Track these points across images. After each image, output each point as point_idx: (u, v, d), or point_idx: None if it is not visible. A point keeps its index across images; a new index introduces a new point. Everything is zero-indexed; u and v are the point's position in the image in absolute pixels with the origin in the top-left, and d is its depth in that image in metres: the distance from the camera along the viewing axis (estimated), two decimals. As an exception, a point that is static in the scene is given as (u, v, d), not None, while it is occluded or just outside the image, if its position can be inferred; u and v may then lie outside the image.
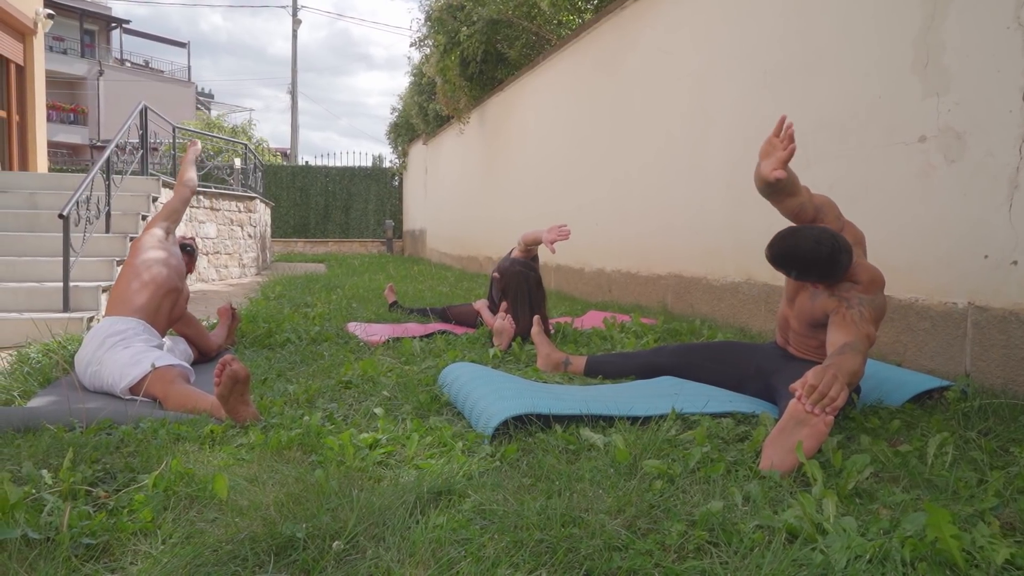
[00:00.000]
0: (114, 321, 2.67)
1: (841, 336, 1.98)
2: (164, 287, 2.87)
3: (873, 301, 2.07)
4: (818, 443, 1.67)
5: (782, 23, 3.74)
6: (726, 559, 1.24)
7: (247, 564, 1.24)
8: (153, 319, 2.79)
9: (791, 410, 1.69)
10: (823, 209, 2.24)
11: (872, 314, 2.05)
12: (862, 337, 1.97)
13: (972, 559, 1.23)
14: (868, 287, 2.09)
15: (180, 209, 3.27)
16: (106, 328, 2.64)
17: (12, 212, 5.89)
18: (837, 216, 2.26)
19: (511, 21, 8.37)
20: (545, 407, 2.04)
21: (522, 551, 1.26)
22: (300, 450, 1.85)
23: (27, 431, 1.99)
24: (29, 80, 10.19)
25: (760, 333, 3.79)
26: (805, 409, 1.67)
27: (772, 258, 2.11)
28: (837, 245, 2.02)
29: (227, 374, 2.01)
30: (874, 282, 2.10)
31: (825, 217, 2.24)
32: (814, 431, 1.67)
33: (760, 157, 2.11)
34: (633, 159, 5.43)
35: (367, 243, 17.93)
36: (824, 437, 1.68)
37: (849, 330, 1.99)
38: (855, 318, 2.02)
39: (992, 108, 2.54)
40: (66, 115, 27.48)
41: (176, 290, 2.95)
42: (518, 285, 3.64)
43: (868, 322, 2.02)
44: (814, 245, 2.01)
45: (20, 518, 1.36)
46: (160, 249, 2.99)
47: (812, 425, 1.67)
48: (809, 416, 1.67)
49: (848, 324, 2.01)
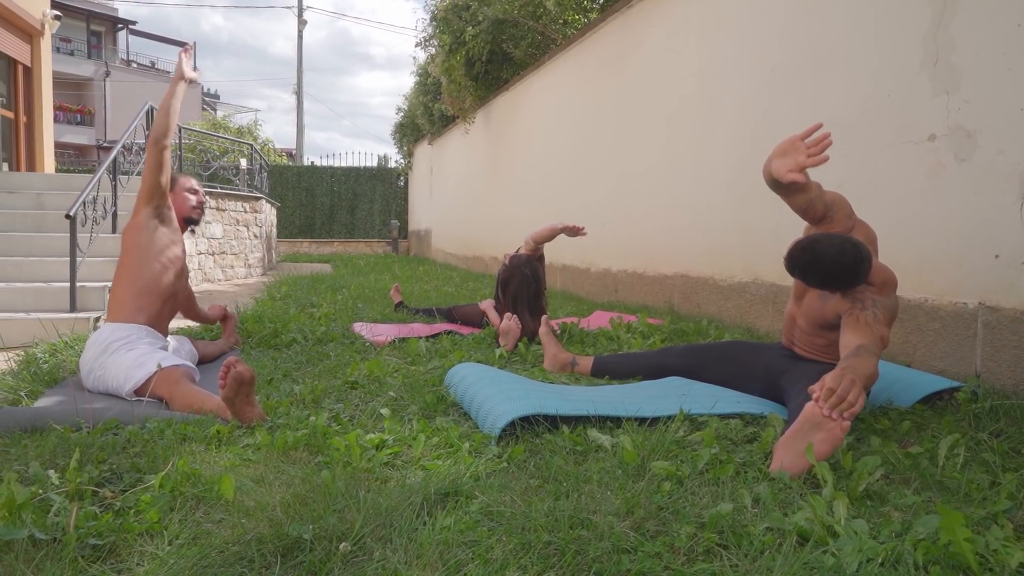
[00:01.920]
0: (116, 328, 2.62)
1: (855, 338, 1.95)
2: (166, 293, 2.79)
3: (886, 302, 2.05)
4: (832, 448, 1.64)
5: (790, 21, 3.72)
6: (736, 561, 1.23)
7: (254, 565, 1.23)
8: (156, 323, 2.75)
9: (807, 413, 1.66)
10: (833, 207, 2.19)
11: (886, 316, 2.02)
12: (876, 339, 1.95)
13: (986, 562, 1.21)
14: (882, 288, 2.06)
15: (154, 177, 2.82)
16: (108, 334, 2.58)
17: (19, 212, 5.91)
18: (848, 215, 2.22)
19: (517, 21, 8.36)
20: (552, 408, 2.03)
21: (530, 553, 1.25)
22: (306, 451, 1.85)
23: (34, 431, 1.99)
24: (36, 81, 10.24)
25: (767, 333, 3.77)
26: (823, 413, 1.64)
27: (792, 269, 2.05)
28: (859, 255, 1.97)
29: (232, 375, 2.00)
30: (887, 283, 2.08)
31: (835, 215, 2.19)
32: (829, 435, 1.63)
33: (774, 155, 2.06)
34: (639, 158, 5.41)
35: (372, 243, 17.95)
36: (839, 442, 1.64)
37: (863, 332, 1.96)
38: (869, 320, 1.99)
39: (1003, 106, 2.52)
40: (73, 116, 27.62)
41: (176, 295, 2.89)
42: (519, 286, 3.65)
43: (882, 324, 2.00)
44: (837, 256, 1.96)
45: (27, 518, 1.36)
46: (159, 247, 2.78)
47: (828, 430, 1.64)
48: (825, 420, 1.64)
49: (862, 326, 1.98)
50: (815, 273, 2.00)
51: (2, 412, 2.10)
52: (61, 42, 26.41)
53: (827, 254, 1.97)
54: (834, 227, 2.19)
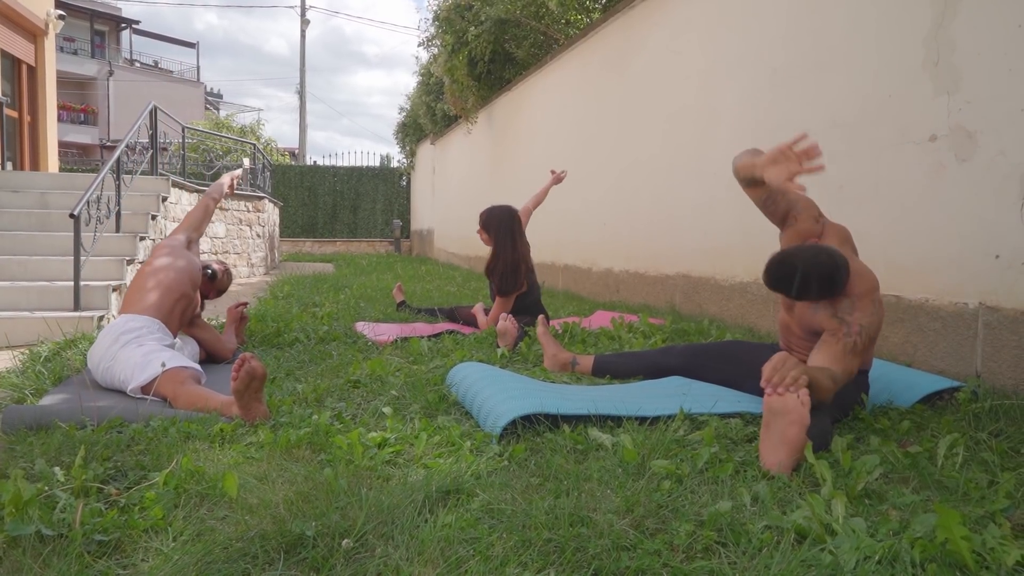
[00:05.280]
0: (128, 319, 2.71)
1: (825, 360, 1.97)
2: (176, 291, 2.90)
3: (871, 327, 2.03)
4: (801, 428, 1.66)
5: (791, 22, 3.73)
6: (735, 559, 1.24)
7: (257, 562, 1.24)
8: (166, 319, 2.82)
9: (766, 403, 1.71)
10: (796, 205, 2.21)
11: (866, 342, 2.03)
12: (843, 370, 1.96)
13: (982, 561, 1.22)
14: (864, 298, 2.04)
15: (200, 218, 3.35)
16: (120, 325, 2.67)
17: (24, 211, 5.93)
18: (815, 217, 2.23)
19: (519, 21, 8.37)
20: (553, 407, 2.04)
21: (530, 550, 1.26)
22: (309, 449, 1.86)
23: (39, 429, 2.01)
24: (40, 80, 10.27)
25: (769, 333, 3.77)
26: (767, 391, 1.69)
27: (770, 284, 2.06)
28: (834, 263, 1.98)
29: (245, 370, 2.04)
30: (869, 291, 2.06)
31: (799, 215, 2.21)
32: (794, 416, 1.66)
33: (765, 162, 2.07)
34: (641, 158, 5.42)
35: (375, 243, 17.96)
36: (805, 420, 1.66)
37: (836, 360, 1.97)
38: (847, 348, 1.99)
39: (1004, 107, 2.53)
40: (76, 115, 27.66)
41: (187, 296, 2.97)
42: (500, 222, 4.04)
43: (857, 355, 2.00)
44: (812, 267, 1.97)
45: (34, 515, 1.38)
46: (176, 256, 3.04)
47: (789, 410, 1.67)
48: (783, 404, 1.67)
49: (838, 353, 1.99)
50: (792, 286, 2.01)
51: (8, 410, 2.12)
52: (65, 41, 26.45)
53: (802, 266, 1.98)
54: (800, 227, 2.21)
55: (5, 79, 9.62)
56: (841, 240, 2.20)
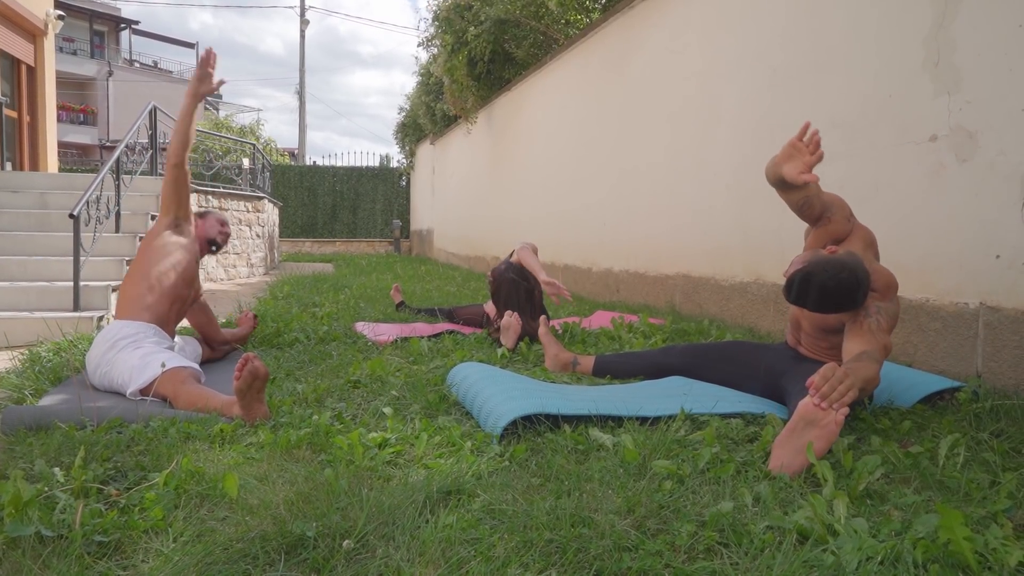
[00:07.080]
0: (123, 324, 2.66)
1: (858, 344, 1.97)
2: (171, 294, 2.83)
3: (889, 309, 2.06)
4: (828, 444, 1.65)
5: (791, 22, 3.73)
6: (736, 560, 1.24)
7: (258, 562, 1.24)
8: (163, 323, 2.79)
9: (801, 410, 1.68)
10: (831, 207, 2.22)
11: (888, 323, 2.03)
12: (879, 347, 1.96)
13: (985, 561, 1.22)
14: (884, 293, 2.07)
15: (171, 193, 2.94)
16: (116, 331, 2.63)
17: (23, 212, 5.93)
18: (847, 217, 2.24)
19: (519, 21, 8.37)
20: (554, 407, 2.04)
21: (532, 551, 1.26)
22: (309, 449, 1.86)
23: (39, 429, 2.01)
24: (40, 81, 10.27)
25: (769, 333, 3.77)
26: (813, 403, 1.65)
27: (791, 299, 2.07)
28: (856, 280, 1.97)
29: (248, 370, 2.04)
30: (889, 287, 2.09)
31: (833, 216, 2.22)
32: (824, 431, 1.65)
33: (780, 159, 2.08)
34: (641, 158, 5.42)
35: (375, 243, 17.96)
36: (834, 437, 1.66)
37: (866, 339, 1.98)
38: (872, 327, 2.00)
39: (1004, 107, 2.52)
40: (76, 115, 27.66)
41: (182, 299, 2.93)
42: (508, 293, 3.67)
43: (884, 331, 2.01)
44: (834, 286, 1.96)
45: (33, 515, 1.37)
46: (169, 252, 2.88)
47: (822, 426, 1.65)
48: (819, 416, 1.65)
49: (865, 333, 1.99)
50: (813, 303, 2.02)
51: (7, 411, 2.11)
52: (64, 42, 26.44)
53: (825, 285, 1.97)
54: (831, 227, 2.21)
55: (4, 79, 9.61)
56: (865, 244, 2.21)
